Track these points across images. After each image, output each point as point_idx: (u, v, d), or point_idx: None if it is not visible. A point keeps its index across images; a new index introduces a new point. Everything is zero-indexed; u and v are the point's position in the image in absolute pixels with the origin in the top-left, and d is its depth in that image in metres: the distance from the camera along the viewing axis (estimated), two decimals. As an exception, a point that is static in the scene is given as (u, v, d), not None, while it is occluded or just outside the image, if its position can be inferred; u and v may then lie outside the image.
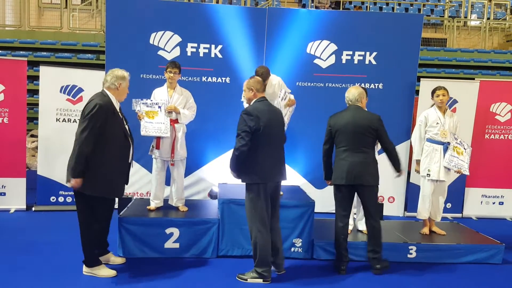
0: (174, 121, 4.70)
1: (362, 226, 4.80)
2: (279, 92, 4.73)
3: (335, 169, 4.22)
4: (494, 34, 13.41)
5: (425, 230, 4.93)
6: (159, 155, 4.69)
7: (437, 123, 4.88)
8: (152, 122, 4.54)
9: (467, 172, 4.94)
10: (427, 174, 4.90)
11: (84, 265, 3.87)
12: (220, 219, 4.49)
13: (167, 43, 5.89)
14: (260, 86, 3.94)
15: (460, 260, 4.43)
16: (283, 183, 5.15)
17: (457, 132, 4.96)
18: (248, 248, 4.51)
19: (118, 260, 4.17)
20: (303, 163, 6.16)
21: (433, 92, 4.93)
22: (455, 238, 4.76)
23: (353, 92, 4.24)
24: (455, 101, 6.21)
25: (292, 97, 4.78)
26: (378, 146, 4.37)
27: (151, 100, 4.64)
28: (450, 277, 4.22)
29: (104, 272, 3.86)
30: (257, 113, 3.76)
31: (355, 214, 4.89)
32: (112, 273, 3.87)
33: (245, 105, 4.87)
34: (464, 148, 4.88)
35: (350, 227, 4.80)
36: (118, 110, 3.86)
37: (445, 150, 4.88)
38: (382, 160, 4.39)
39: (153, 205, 4.74)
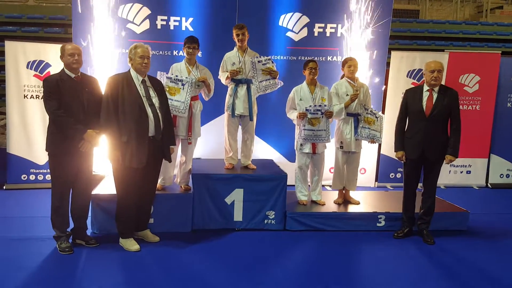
0: (191, 98, 4.46)
1: (315, 197, 4.95)
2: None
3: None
4: (465, 6, 13.51)
5: (339, 200, 5.04)
6: (176, 133, 4.48)
7: (347, 94, 4.81)
8: (172, 99, 4.28)
9: (380, 141, 4.93)
10: (340, 146, 4.91)
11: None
12: (194, 193, 4.52)
13: (136, 16, 5.74)
14: None
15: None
16: (256, 156, 5.21)
17: (368, 102, 4.91)
18: (222, 221, 4.58)
19: (155, 239, 4.26)
20: (276, 137, 6.20)
21: (344, 63, 4.87)
22: (423, 206, 4.91)
23: None
24: (425, 73, 6.29)
25: (273, 67, 4.66)
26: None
27: (176, 76, 4.37)
28: (418, 243, 4.40)
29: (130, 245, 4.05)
30: None
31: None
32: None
33: (223, 81, 4.83)
34: (376, 117, 4.81)
35: (307, 198, 4.92)
36: (140, 83, 3.90)
37: (356, 121, 4.85)
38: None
39: (162, 183, 4.61)
